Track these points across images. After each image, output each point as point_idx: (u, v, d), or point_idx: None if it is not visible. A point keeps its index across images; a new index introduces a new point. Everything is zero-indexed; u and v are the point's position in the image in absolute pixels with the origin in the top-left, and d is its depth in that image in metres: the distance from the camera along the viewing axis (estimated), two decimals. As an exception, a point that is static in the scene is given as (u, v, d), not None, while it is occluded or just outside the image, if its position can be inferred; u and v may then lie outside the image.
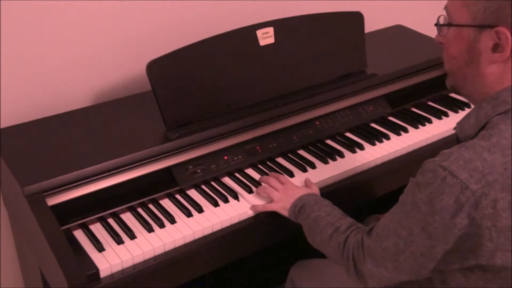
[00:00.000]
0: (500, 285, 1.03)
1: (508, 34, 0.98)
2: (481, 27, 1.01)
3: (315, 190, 1.45)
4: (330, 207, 1.30)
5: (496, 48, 1.01)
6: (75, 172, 1.36)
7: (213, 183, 1.52)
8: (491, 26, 0.99)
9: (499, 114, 1.02)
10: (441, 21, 1.10)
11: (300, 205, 1.34)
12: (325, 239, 1.23)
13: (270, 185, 1.45)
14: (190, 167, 1.50)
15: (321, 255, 1.31)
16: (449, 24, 1.07)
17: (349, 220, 1.25)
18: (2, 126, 1.60)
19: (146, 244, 1.31)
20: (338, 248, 1.19)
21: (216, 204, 1.44)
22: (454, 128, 1.13)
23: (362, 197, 1.65)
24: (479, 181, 0.95)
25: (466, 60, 1.06)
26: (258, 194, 1.47)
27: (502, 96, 1.02)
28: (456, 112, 1.87)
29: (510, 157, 0.96)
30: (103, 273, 1.24)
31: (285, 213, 1.38)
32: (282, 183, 1.45)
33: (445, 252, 1.01)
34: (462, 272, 1.05)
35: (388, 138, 1.72)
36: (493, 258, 0.98)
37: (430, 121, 1.82)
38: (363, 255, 1.12)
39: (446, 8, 1.08)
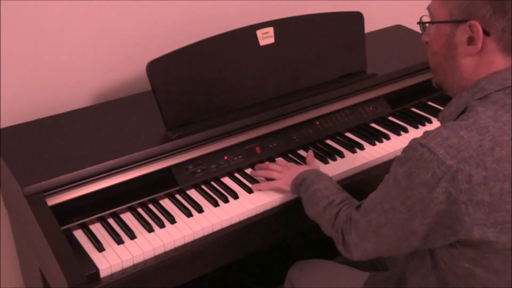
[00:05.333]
0: (483, 267, 1.06)
1: (479, 26, 1.06)
2: (457, 22, 1.09)
3: (316, 167, 1.50)
4: (329, 181, 1.36)
5: (470, 41, 1.09)
6: (75, 172, 1.36)
7: (213, 183, 1.52)
8: (465, 21, 1.08)
9: (477, 100, 1.08)
10: (424, 21, 1.18)
11: (301, 179, 1.39)
12: (320, 211, 1.30)
13: (270, 168, 1.51)
14: (190, 167, 1.50)
15: (319, 256, 1.32)
16: (429, 22, 1.16)
17: (344, 194, 1.31)
18: (2, 126, 1.60)
19: (146, 244, 1.31)
20: (330, 220, 1.25)
21: (216, 204, 1.44)
22: (438, 119, 1.19)
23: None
24: (455, 157, 0.99)
25: (445, 54, 1.14)
26: (257, 176, 1.52)
27: (480, 84, 1.09)
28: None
29: (486, 135, 1.01)
30: (103, 273, 1.24)
31: (287, 188, 1.44)
32: (281, 165, 1.51)
33: (427, 229, 1.05)
34: (446, 249, 1.09)
35: (388, 138, 1.73)
36: (471, 232, 1.02)
37: (430, 121, 1.82)
38: (350, 228, 1.19)
39: (428, 8, 1.16)
